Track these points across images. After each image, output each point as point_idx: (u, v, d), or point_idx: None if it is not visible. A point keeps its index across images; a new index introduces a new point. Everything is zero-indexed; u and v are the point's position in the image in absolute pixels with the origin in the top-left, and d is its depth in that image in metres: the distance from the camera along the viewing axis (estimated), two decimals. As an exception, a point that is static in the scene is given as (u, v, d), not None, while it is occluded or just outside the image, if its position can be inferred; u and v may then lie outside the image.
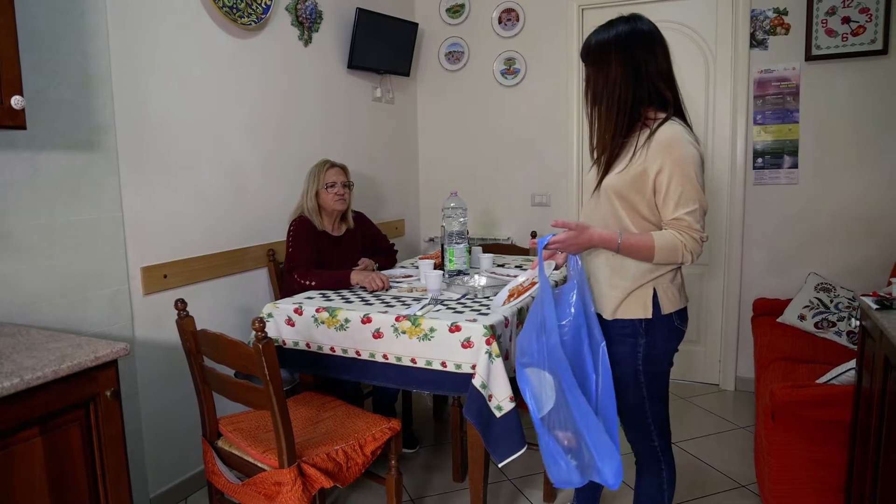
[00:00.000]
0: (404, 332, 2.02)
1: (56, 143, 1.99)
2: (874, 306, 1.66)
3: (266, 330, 1.69)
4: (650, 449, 1.82)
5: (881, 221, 3.16)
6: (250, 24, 2.71)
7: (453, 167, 4.09)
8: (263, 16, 2.77)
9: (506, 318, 2.04)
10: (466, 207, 2.67)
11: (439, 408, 3.31)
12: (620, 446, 2.05)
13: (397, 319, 2.03)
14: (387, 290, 2.43)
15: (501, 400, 1.87)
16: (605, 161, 1.71)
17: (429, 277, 2.30)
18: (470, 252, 2.66)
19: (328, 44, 3.27)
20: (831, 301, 2.95)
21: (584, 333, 1.68)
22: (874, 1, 3.03)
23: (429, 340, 1.98)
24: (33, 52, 1.89)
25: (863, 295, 1.77)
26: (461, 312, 2.06)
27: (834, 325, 2.85)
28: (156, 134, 2.34)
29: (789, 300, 3.13)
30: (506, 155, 3.94)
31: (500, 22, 3.83)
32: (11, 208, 1.88)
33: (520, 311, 2.19)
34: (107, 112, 2.15)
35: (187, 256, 2.48)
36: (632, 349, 1.72)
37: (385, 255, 2.94)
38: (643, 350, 1.71)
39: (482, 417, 1.89)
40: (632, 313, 1.71)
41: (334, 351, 2.16)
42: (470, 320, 1.96)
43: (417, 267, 2.79)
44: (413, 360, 2.02)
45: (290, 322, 2.22)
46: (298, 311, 2.21)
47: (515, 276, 2.62)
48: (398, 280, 2.62)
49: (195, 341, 1.92)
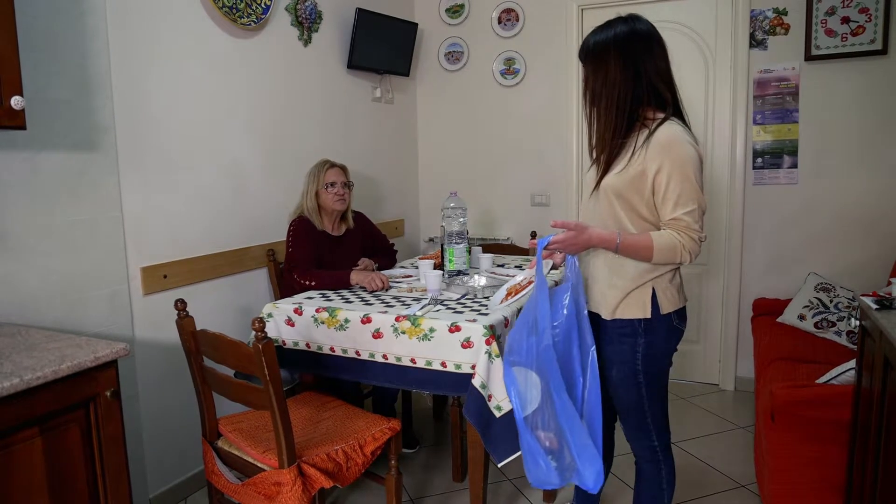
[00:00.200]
0: (404, 332, 2.02)
1: (56, 143, 1.99)
2: (874, 306, 1.66)
3: (266, 330, 1.69)
4: (649, 448, 1.82)
5: (881, 221, 3.16)
6: (250, 24, 2.71)
7: (453, 167, 4.09)
8: (263, 16, 2.78)
9: (505, 318, 2.04)
10: (466, 207, 2.67)
11: (439, 408, 3.31)
12: (619, 446, 2.07)
13: (397, 319, 2.03)
14: (386, 290, 2.43)
15: (501, 400, 1.87)
16: (604, 161, 1.71)
17: (428, 277, 2.30)
18: (470, 252, 2.66)
19: (328, 44, 3.27)
20: (831, 301, 2.95)
21: (575, 336, 1.66)
22: (874, 1, 3.03)
23: (428, 340, 1.98)
24: (33, 52, 1.89)
25: (862, 295, 1.77)
26: (461, 312, 2.06)
27: (834, 325, 2.85)
28: (155, 134, 2.34)
29: (789, 300, 3.14)
30: (505, 155, 3.94)
31: (500, 22, 3.83)
32: (11, 208, 1.88)
33: (519, 311, 2.19)
34: (106, 112, 2.15)
35: (187, 256, 2.48)
36: (631, 349, 1.72)
37: (385, 255, 2.94)
38: (642, 350, 1.71)
39: (482, 417, 1.89)
40: (631, 313, 1.71)
41: (334, 351, 2.16)
42: (470, 320, 1.96)
43: (417, 267, 2.79)
44: (413, 360, 2.02)
45: (290, 322, 2.22)
46: (298, 311, 2.21)
47: (514, 276, 2.63)
48: (398, 280, 2.62)
49: (195, 341, 1.92)
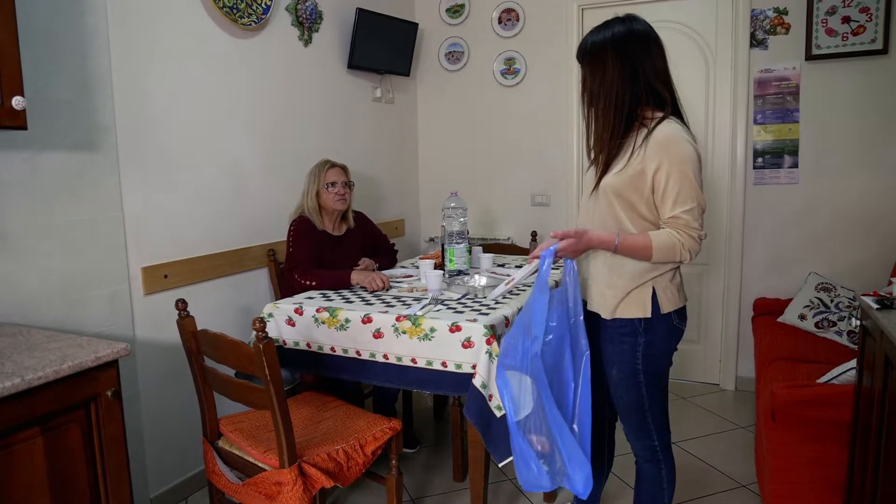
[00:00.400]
0: (405, 332, 2.02)
1: (56, 143, 2.00)
2: (874, 306, 1.66)
3: (266, 330, 1.70)
4: (650, 448, 1.82)
5: (881, 221, 3.16)
6: (250, 25, 2.71)
7: (453, 167, 4.09)
8: (263, 16, 2.78)
9: (506, 318, 2.04)
10: (466, 207, 2.67)
11: (440, 408, 3.31)
12: (620, 446, 2.07)
13: (398, 319, 2.03)
14: (387, 290, 2.43)
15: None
16: (604, 161, 1.71)
17: (429, 277, 2.30)
18: (470, 252, 2.66)
19: (328, 44, 3.27)
20: (832, 301, 2.95)
21: (568, 342, 1.64)
22: (874, 0, 3.03)
23: (429, 340, 1.98)
24: (33, 52, 1.89)
25: (863, 294, 1.77)
26: (461, 312, 2.06)
27: (834, 325, 2.85)
28: (156, 133, 2.34)
29: (790, 300, 3.13)
30: (506, 155, 3.94)
31: (500, 22, 3.83)
32: (11, 208, 1.88)
33: (520, 311, 2.18)
34: (107, 112, 2.15)
35: (188, 256, 2.48)
36: (631, 348, 1.72)
37: (385, 255, 2.94)
38: (642, 349, 1.72)
39: (482, 417, 1.89)
40: (631, 312, 1.71)
41: (335, 351, 2.16)
42: (470, 320, 1.96)
43: (418, 267, 2.79)
44: (413, 360, 2.02)
45: (291, 322, 2.22)
46: (299, 311, 2.21)
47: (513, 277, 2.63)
48: (398, 280, 2.62)
49: (196, 341, 1.92)
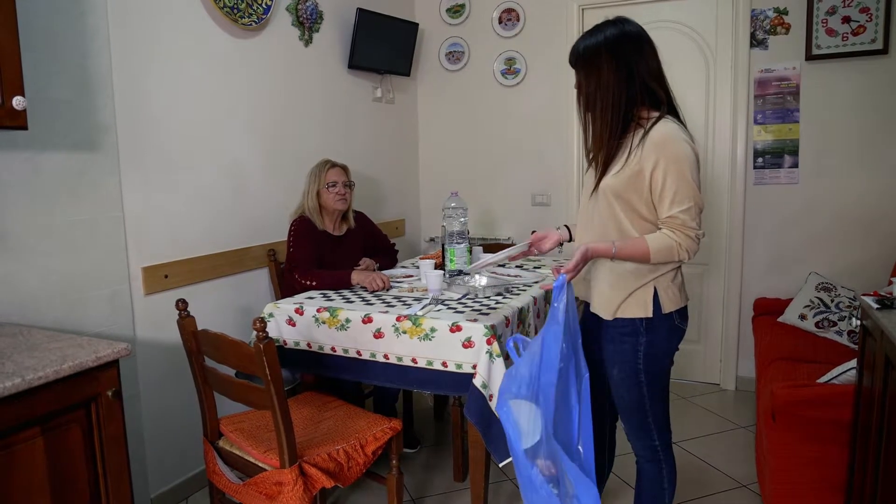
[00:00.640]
0: (405, 332, 2.02)
1: (57, 143, 2.00)
2: (875, 306, 1.66)
3: (267, 330, 1.70)
4: (650, 448, 1.82)
5: (882, 221, 3.16)
6: (251, 25, 2.71)
7: (454, 167, 4.09)
8: (264, 16, 2.78)
9: (506, 318, 2.04)
10: (467, 207, 2.67)
11: (440, 408, 3.31)
12: (620, 446, 2.07)
13: (398, 319, 2.03)
14: (387, 290, 2.43)
15: (502, 400, 1.87)
16: (602, 162, 1.71)
17: (429, 277, 2.30)
18: (470, 252, 2.66)
19: (328, 44, 3.27)
20: (832, 300, 2.95)
21: (573, 366, 1.63)
22: (874, 0, 3.03)
23: (429, 340, 1.98)
24: (33, 52, 1.89)
25: (863, 294, 1.77)
26: (462, 312, 2.06)
27: (835, 325, 2.85)
28: (156, 133, 2.34)
29: (790, 300, 3.13)
30: (506, 155, 3.94)
31: (501, 22, 3.83)
32: (12, 208, 1.88)
33: (520, 311, 2.19)
34: (107, 112, 2.15)
35: (188, 256, 2.48)
36: (632, 348, 1.72)
37: (386, 255, 2.94)
38: (644, 349, 1.72)
39: (483, 417, 1.89)
40: (632, 312, 1.71)
41: (335, 351, 2.16)
42: (471, 320, 1.96)
43: (418, 267, 2.79)
44: (414, 360, 2.02)
45: (291, 322, 2.22)
46: (299, 311, 2.21)
47: (516, 276, 2.63)
48: (399, 280, 2.62)
49: (196, 341, 1.92)
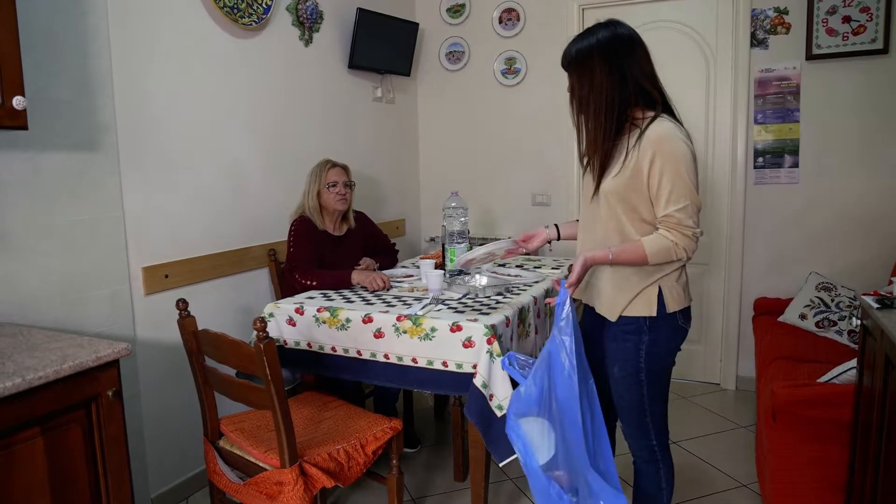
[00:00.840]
0: (405, 332, 2.02)
1: (57, 143, 2.00)
2: (875, 305, 1.66)
3: (267, 330, 1.70)
4: (648, 448, 1.81)
5: (882, 220, 3.16)
6: (251, 24, 2.71)
7: (454, 167, 4.09)
8: (264, 16, 2.78)
9: (506, 318, 2.04)
10: (467, 207, 2.67)
11: (440, 407, 3.31)
12: (619, 446, 2.07)
13: (398, 319, 2.03)
14: (388, 290, 2.43)
15: (502, 399, 1.87)
16: (599, 164, 1.71)
17: (430, 277, 2.30)
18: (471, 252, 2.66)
19: (329, 44, 3.27)
20: (832, 300, 2.95)
21: (581, 374, 1.64)
22: (874, 0, 3.03)
23: (430, 340, 1.98)
24: (34, 52, 1.89)
25: (864, 294, 1.77)
26: (462, 312, 2.06)
27: (835, 325, 2.85)
28: (156, 133, 2.34)
29: (790, 299, 3.13)
30: (506, 154, 3.94)
31: (501, 22, 3.83)
32: (12, 208, 1.88)
33: (521, 311, 2.19)
34: (107, 112, 2.15)
35: (188, 256, 2.48)
36: (635, 346, 1.72)
37: (386, 255, 2.94)
38: (646, 347, 1.72)
39: (483, 417, 1.89)
40: (636, 311, 1.71)
41: (335, 351, 2.16)
42: (471, 320, 1.96)
43: (418, 267, 2.79)
44: (414, 360, 2.02)
45: (292, 322, 2.22)
46: (300, 311, 2.21)
47: (517, 276, 2.63)
48: (399, 280, 2.62)
49: (196, 341, 1.92)
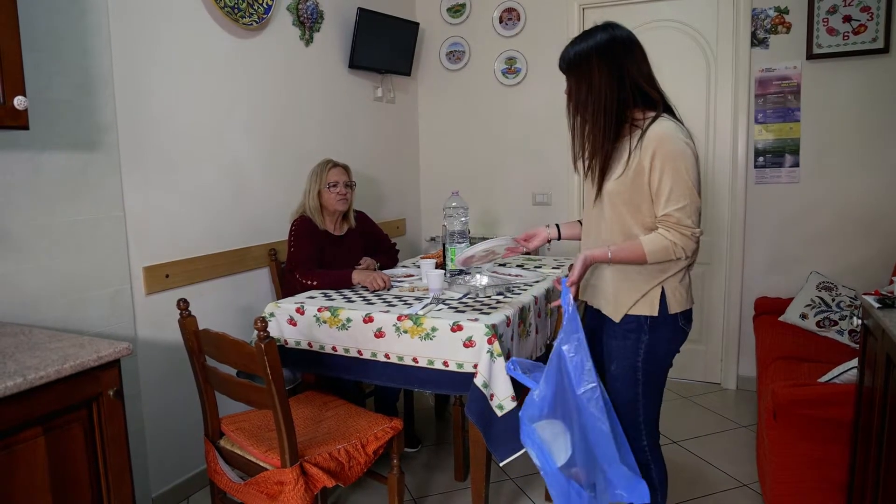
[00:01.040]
0: (406, 332, 2.02)
1: (58, 143, 2.00)
2: (876, 305, 1.66)
3: (268, 329, 1.70)
4: (639, 449, 1.81)
5: (883, 220, 3.16)
6: (251, 24, 2.71)
7: (454, 166, 4.09)
8: (265, 16, 2.78)
9: (507, 318, 2.04)
10: (468, 207, 2.67)
11: (441, 407, 3.31)
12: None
13: (399, 319, 2.03)
14: (388, 290, 2.43)
15: (503, 399, 1.87)
16: (599, 166, 1.70)
17: (430, 277, 2.30)
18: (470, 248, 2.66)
19: (329, 43, 3.27)
20: (833, 300, 2.95)
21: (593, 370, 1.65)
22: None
23: (430, 340, 1.98)
24: (34, 52, 1.89)
25: (864, 293, 1.77)
26: (463, 312, 2.06)
27: (836, 324, 2.85)
28: (157, 133, 2.34)
29: (791, 299, 3.13)
30: (507, 154, 3.94)
31: (501, 21, 3.83)
32: (13, 208, 1.88)
33: (521, 311, 2.19)
34: (108, 111, 2.16)
35: (189, 256, 2.49)
36: (634, 345, 1.72)
37: (386, 255, 2.94)
38: (645, 347, 1.72)
39: (484, 417, 1.89)
40: (638, 310, 1.71)
41: (336, 350, 2.17)
42: (472, 320, 1.96)
43: (419, 266, 2.79)
44: (415, 360, 2.03)
45: (292, 321, 2.23)
46: (300, 311, 2.21)
47: (517, 276, 2.63)
48: (400, 279, 2.62)
49: (197, 341, 1.92)
